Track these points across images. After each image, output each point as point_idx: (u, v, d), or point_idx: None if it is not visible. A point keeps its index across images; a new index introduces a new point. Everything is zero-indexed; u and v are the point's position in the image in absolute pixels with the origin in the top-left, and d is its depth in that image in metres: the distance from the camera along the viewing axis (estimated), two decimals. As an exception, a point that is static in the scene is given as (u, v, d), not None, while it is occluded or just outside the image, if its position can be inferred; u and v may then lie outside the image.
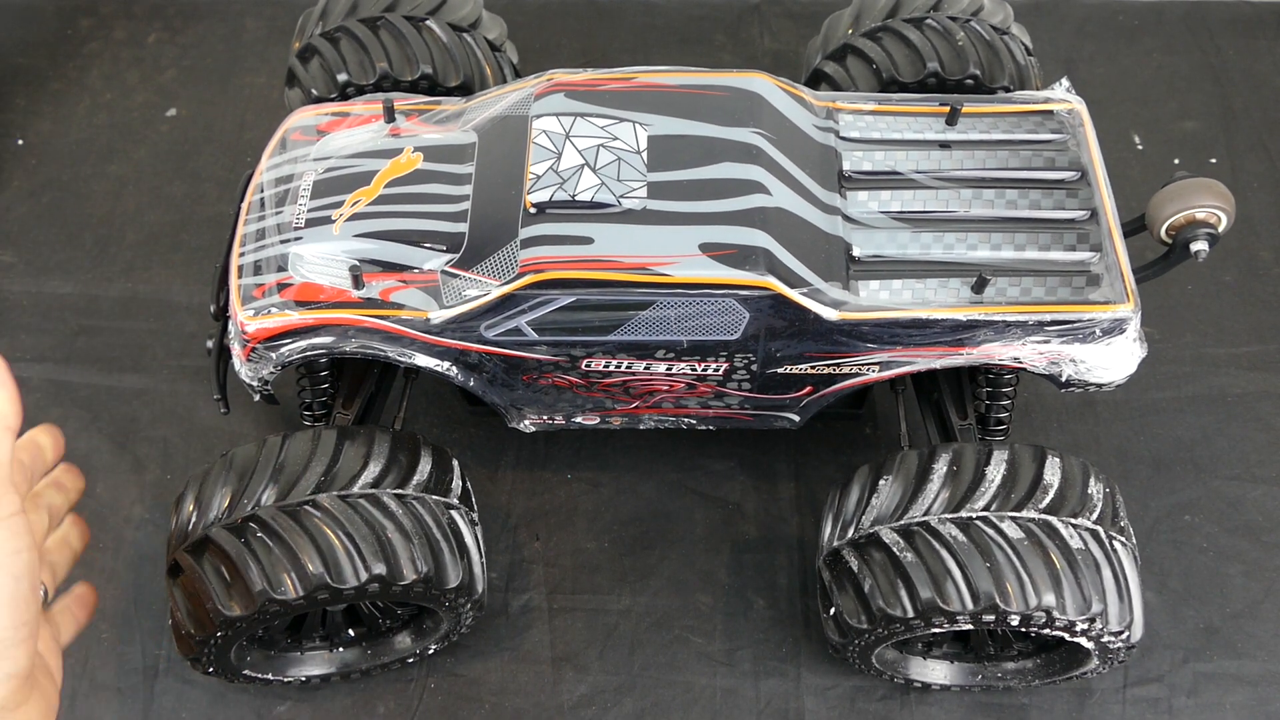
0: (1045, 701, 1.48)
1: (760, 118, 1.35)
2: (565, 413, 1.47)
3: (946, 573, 1.23)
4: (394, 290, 1.32)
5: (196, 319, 1.80)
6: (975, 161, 1.38)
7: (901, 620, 1.25)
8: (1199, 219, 1.32)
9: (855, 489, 1.34)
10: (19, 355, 1.77)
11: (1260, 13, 2.13)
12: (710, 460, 1.67)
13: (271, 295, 1.33)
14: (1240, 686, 1.50)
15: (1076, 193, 1.36)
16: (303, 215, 1.36)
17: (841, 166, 1.37)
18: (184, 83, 2.07)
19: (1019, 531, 1.24)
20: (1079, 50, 2.09)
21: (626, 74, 1.40)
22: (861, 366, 1.36)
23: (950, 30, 1.54)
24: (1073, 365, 1.33)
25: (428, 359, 1.36)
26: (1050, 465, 1.29)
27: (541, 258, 1.26)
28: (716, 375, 1.37)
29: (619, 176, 1.29)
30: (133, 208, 1.92)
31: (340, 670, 1.47)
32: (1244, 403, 1.72)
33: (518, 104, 1.39)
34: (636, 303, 1.28)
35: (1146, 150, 1.96)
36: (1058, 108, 1.43)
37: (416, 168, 1.38)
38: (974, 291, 1.30)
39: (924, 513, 1.27)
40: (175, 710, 1.49)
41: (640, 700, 1.50)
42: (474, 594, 1.35)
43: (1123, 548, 1.27)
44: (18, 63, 2.09)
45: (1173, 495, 1.64)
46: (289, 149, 1.44)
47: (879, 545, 1.28)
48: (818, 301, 1.28)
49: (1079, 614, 1.22)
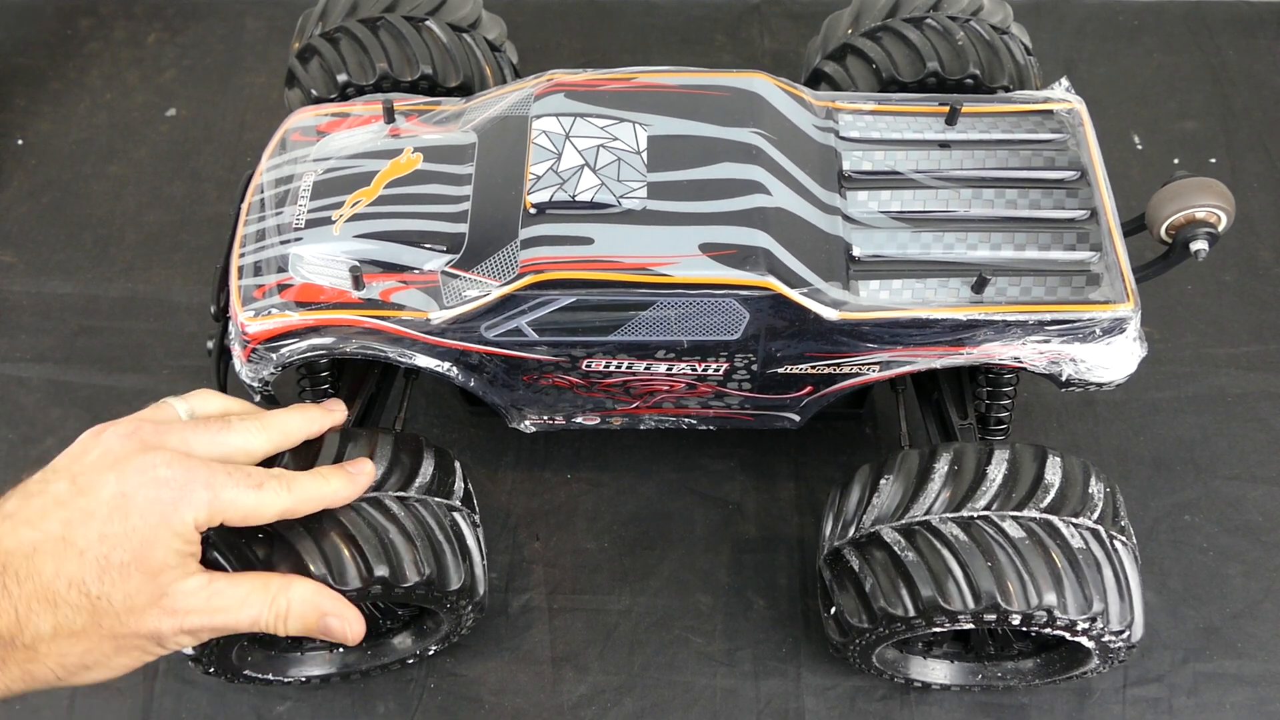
0: (1045, 701, 1.48)
1: (760, 118, 1.35)
2: (566, 413, 1.47)
3: (948, 572, 1.23)
4: (394, 291, 1.32)
5: (196, 319, 1.80)
6: (975, 161, 1.38)
7: (903, 619, 1.25)
8: (1199, 218, 1.32)
9: (856, 488, 1.34)
10: (19, 355, 1.77)
11: (1260, 13, 2.13)
12: (710, 460, 1.67)
13: (272, 296, 1.33)
14: (1240, 686, 1.50)
15: (1076, 192, 1.36)
16: (303, 216, 1.36)
17: (841, 166, 1.37)
18: (184, 83, 2.07)
19: (1020, 531, 1.24)
20: (1079, 50, 2.09)
21: (626, 74, 1.40)
22: (862, 366, 1.36)
23: (950, 30, 1.54)
24: (1073, 365, 1.33)
25: (428, 360, 1.36)
26: (1051, 465, 1.29)
27: (542, 258, 1.26)
28: (717, 375, 1.37)
29: (619, 177, 1.29)
30: (133, 208, 1.92)
31: (340, 671, 1.47)
32: (1244, 403, 1.72)
33: (518, 104, 1.38)
34: (637, 303, 1.28)
35: (1146, 150, 1.97)
36: (1057, 107, 1.43)
37: (416, 168, 1.38)
38: (974, 291, 1.30)
39: (925, 512, 1.27)
40: (175, 710, 1.49)
41: (640, 700, 1.50)
42: (475, 596, 1.35)
43: (1123, 547, 1.27)
44: (17, 63, 2.09)
45: (1173, 495, 1.64)
46: (289, 150, 1.44)
47: (880, 544, 1.28)
48: (818, 301, 1.28)
49: (1080, 613, 1.22)
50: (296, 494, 1.13)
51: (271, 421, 1.18)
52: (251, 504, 1.07)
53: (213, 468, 1.05)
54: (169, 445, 1.06)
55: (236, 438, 1.13)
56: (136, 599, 1.02)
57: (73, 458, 1.06)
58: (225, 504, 1.05)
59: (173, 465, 1.04)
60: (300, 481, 1.15)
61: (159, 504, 1.02)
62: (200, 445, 1.08)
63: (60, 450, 1.64)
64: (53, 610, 0.99)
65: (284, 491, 1.11)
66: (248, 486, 1.07)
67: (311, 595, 1.15)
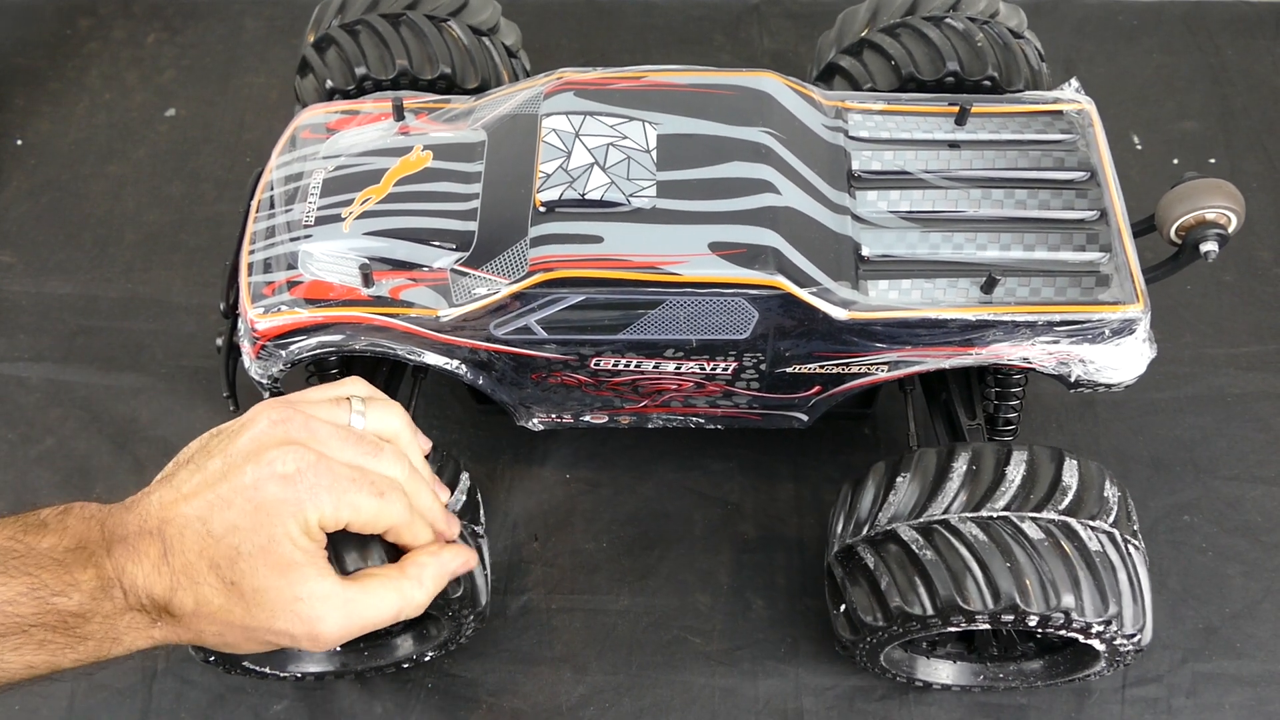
0: (1044, 702, 1.49)
1: (770, 117, 1.35)
2: (574, 411, 1.47)
3: (967, 571, 1.23)
4: (404, 288, 1.32)
5: (196, 319, 1.79)
6: (984, 161, 1.38)
7: (919, 618, 1.25)
8: (1209, 219, 1.32)
9: (870, 486, 1.34)
10: (19, 355, 1.76)
11: (1260, 13, 2.14)
12: (710, 460, 1.67)
13: (281, 293, 1.32)
14: (1239, 687, 1.50)
15: (1086, 193, 1.36)
16: (312, 213, 1.36)
17: (851, 166, 1.37)
18: (183, 83, 2.06)
19: (1039, 532, 1.24)
20: (1079, 50, 2.09)
21: (636, 73, 1.40)
22: (870, 366, 1.36)
23: (970, 31, 1.54)
24: (1082, 366, 1.33)
25: (437, 357, 1.36)
26: (1068, 467, 1.29)
27: (551, 256, 1.26)
28: (725, 374, 1.37)
29: (628, 175, 1.29)
30: (132, 208, 1.91)
31: (337, 670, 1.47)
32: (1243, 403, 1.72)
33: (527, 102, 1.38)
34: (646, 301, 1.28)
35: (1146, 150, 1.97)
36: (1067, 108, 1.43)
37: (426, 166, 1.38)
38: (983, 291, 1.30)
39: (944, 511, 1.27)
40: (174, 710, 1.49)
41: (639, 700, 1.50)
42: (477, 606, 1.34)
43: (1136, 551, 1.28)
44: (17, 63, 2.08)
45: (1172, 495, 1.64)
46: (298, 147, 1.44)
47: (897, 542, 1.28)
48: (827, 301, 1.28)
49: (1096, 616, 1.22)
50: (415, 508, 1.14)
51: (415, 479, 1.15)
52: (373, 511, 1.07)
53: (338, 472, 1.05)
54: (310, 443, 1.06)
55: (379, 465, 1.11)
56: (268, 595, 1.03)
57: (230, 435, 1.07)
58: (347, 507, 1.06)
59: (304, 463, 1.04)
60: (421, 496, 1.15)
61: (284, 502, 1.02)
62: (342, 455, 1.08)
63: (61, 450, 1.66)
64: (194, 587, 1.02)
65: (403, 502, 1.11)
66: (371, 494, 1.07)
67: (437, 571, 1.15)
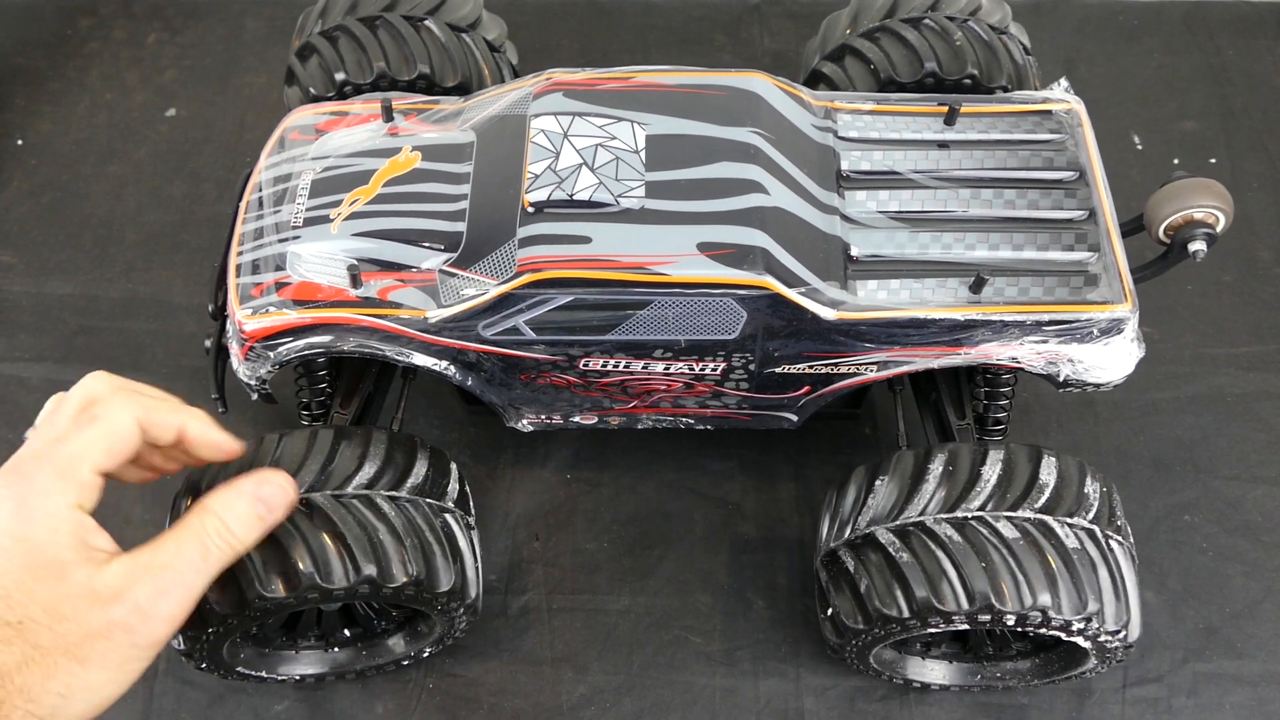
0: (1045, 701, 1.48)
1: (759, 117, 1.35)
2: (563, 412, 1.47)
3: (942, 573, 1.23)
4: (392, 289, 1.32)
5: (196, 319, 1.80)
6: (974, 161, 1.38)
7: (897, 620, 1.25)
8: (1197, 219, 1.32)
9: (852, 489, 1.34)
10: (19, 355, 1.77)
11: (1260, 13, 2.13)
12: (710, 460, 1.67)
13: (269, 294, 1.33)
14: (1240, 686, 1.50)
15: (1075, 193, 1.36)
16: (301, 214, 1.36)
17: (840, 166, 1.37)
18: (183, 83, 2.07)
19: (1014, 531, 1.24)
20: (1079, 50, 2.09)
21: (625, 73, 1.40)
22: (859, 366, 1.36)
23: (948, 30, 1.54)
24: (1070, 365, 1.33)
25: (425, 358, 1.36)
26: (1046, 465, 1.29)
27: (539, 257, 1.26)
28: (714, 375, 1.37)
29: (617, 176, 1.29)
30: (133, 208, 1.92)
31: (335, 670, 1.47)
32: (1243, 403, 1.72)
33: (516, 103, 1.38)
34: (634, 302, 1.28)
35: (1146, 150, 1.96)
36: (1056, 108, 1.43)
37: (415, 167, 1.38)
38: (972, 291, 1.30)
39: (920, 513, 1.27)
40: (175, 710, 1.49)
41: (639, 700, 1.50)
42: (467, 598, 1.34)
43: (1119, 547, 1.27)
44: (17, 63, 2.09)
45: (1172, 495, 1.64)
46: (287, 148, 1.44)
47: (875, 546, 1.28)
48: (815, 301, 1.28)
49: (1074, 614, 1.22)
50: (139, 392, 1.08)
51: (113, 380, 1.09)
52: (101, 433, 1.01)
53: (39, 451, 0.99)
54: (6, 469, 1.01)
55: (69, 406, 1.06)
56: (60, 605, 0.97)
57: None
58: (72, 459, 0.99)
59: (6, 470, 1.00)
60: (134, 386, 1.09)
61: (12, 513, 0.98)
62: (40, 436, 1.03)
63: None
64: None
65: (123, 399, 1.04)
66: (84, 427, 1.01)
67: (233, 499, 1.10)
